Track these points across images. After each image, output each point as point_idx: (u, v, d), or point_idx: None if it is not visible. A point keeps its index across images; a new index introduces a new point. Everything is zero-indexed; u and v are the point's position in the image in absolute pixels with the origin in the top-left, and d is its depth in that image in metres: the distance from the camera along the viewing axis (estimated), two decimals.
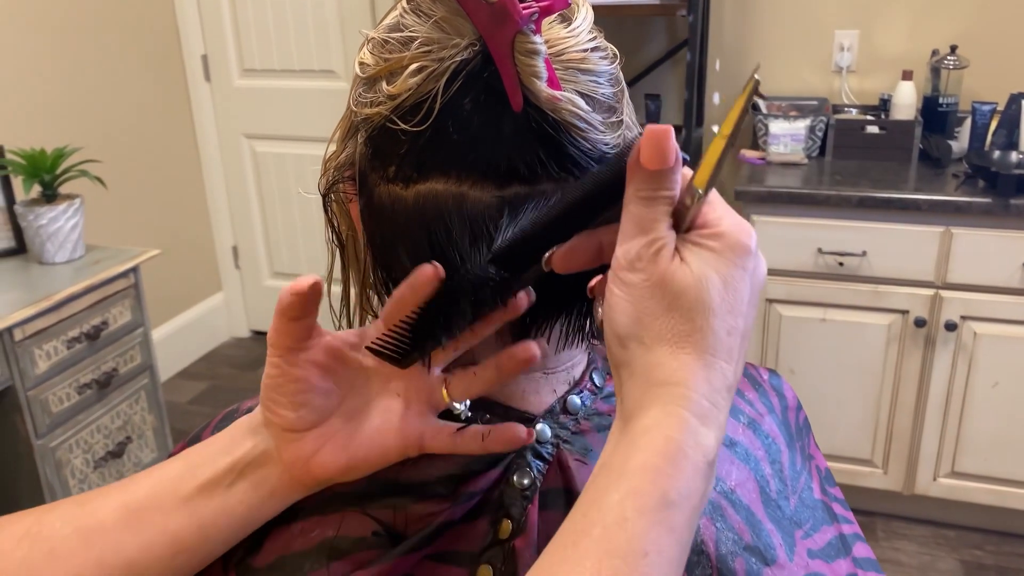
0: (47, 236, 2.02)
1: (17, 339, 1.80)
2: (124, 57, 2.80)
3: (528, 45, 0.43)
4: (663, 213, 0.41)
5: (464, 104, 0.45)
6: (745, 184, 2.12)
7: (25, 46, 2.43)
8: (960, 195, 1.95)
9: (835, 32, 2.46)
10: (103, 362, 2.04)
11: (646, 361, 0.41)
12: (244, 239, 3.35)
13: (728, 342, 0.41)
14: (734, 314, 0.41)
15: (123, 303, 2.10)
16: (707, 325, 0.40)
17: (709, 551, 0.50)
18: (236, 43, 3.08)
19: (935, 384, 2.09)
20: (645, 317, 0.41)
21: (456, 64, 0.45)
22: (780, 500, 0.55)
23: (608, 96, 0.49)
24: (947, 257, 1.99)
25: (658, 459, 0.39)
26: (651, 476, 0.39)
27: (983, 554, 2.16)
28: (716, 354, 0.41)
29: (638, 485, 0.39)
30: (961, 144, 2.23)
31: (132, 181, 2.82)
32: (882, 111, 2.37)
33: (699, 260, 0.40)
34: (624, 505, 0.38)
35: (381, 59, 0.48)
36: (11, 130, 2.31)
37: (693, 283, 0.40)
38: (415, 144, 0.46)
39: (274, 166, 3.19)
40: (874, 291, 2.07)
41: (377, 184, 0.48)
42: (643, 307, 0.41)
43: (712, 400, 0.40)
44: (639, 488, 0.39)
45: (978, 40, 2.32)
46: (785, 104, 2.43)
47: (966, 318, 2.02)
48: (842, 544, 0.58)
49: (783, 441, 0.59)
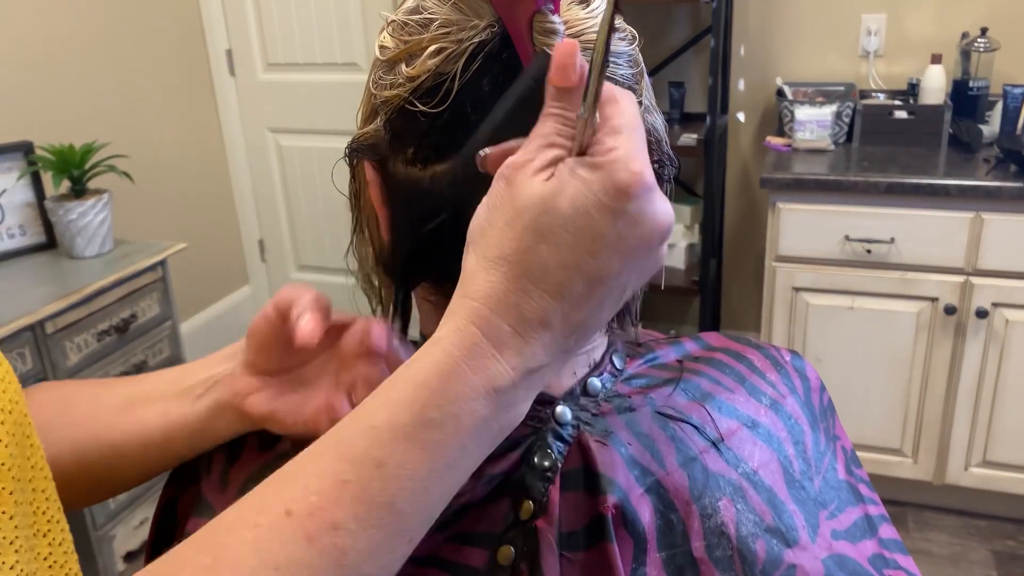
0: (77, 231, 2.05)
1: (49, 332, 1.83)
2: (150, 53, 2.83)
3: (547, 25, 0.43)
4: (554, 131, 0.39)
5: (483, 85, 0.45)
6: (771, 171, 2.10)
7: (53, 44, 2.46)
8: (991, 180, 1.92)
9: (862, 16, 2.43)
10: (132, 355, 2.07)
11: (467, 269, 0.40)
12: (270, 232, 3.38)
13: (559, 276, 0.38)
14: (576, 250, 0.37)
15: (151, 296, 2.12)
16: (532, 249, 0.37)
17: (730, 532, 0.49)
18: (260, 37, 3.10)
19: (966, 372, 2.06)
20: (488, 226, 0.39)
21: (475, 45, 0.45)
22: (804, 481, 0.55)
23: (627, 77, 0.49)
24: (977, 243, 1.96)
25: (429, 372, 0.38)
26: (414, 389, 0.37)
27: (1016, 544, 2.13)
28: (536, 282, 0.38)
29: (398, 396, 0.38)
30: (992, 128, 2.19)
31: (159, 175, 2.85)
32: (911, 96, 2.33)
33: (560, 184, 0.38)
34: (377, 414, 0.38)
35: (400, 41, 0.48)
36: (40, 127, 2.34)
37: (536, 203, 0.38)
38: (434, 125, 0.46)
39: (299, 160, 3.21)
40: (903, 278, 2.04)
41: (396, 165, 0.49)
42: (491, 216, 0.39)
43: (517, 328, 0.38)
44: (398, 399, 0.38)
45: (1009, 21, 2.28)
46: (811, 90, 2.40)
47: (998, 305, 1.99)
48: (868, 525, 0.57)
49: (806, 422, 0.59)
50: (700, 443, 0.52)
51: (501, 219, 0.39)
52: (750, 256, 2.81)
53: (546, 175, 0.38)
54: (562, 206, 0.37)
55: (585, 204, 0.37)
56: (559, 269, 0.38)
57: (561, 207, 0.37)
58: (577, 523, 0.49)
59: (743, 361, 0.60)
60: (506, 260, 0.38)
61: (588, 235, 0.37)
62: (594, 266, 0.38)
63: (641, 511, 0.49)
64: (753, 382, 0.58)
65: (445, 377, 0.37)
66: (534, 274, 0.38)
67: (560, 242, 0.37)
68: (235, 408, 0.53)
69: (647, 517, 0.49)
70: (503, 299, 0.38)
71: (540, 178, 0.38)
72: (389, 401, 0.38)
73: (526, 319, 0.38)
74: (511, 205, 0.38)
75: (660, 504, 0.50)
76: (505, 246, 0.38)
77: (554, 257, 0.37)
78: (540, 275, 0.38)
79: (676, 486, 0.50)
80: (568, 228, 0.37)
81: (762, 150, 2.56)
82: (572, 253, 0.37)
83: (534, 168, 0.38)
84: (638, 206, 0.37)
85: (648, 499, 0.49)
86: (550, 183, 0.38)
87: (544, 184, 0.38)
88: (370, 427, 0.37)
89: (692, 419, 0.53)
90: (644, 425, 0.52)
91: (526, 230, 0.38)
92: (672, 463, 0.51)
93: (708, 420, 0.54)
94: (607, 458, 0.50)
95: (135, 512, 2.10)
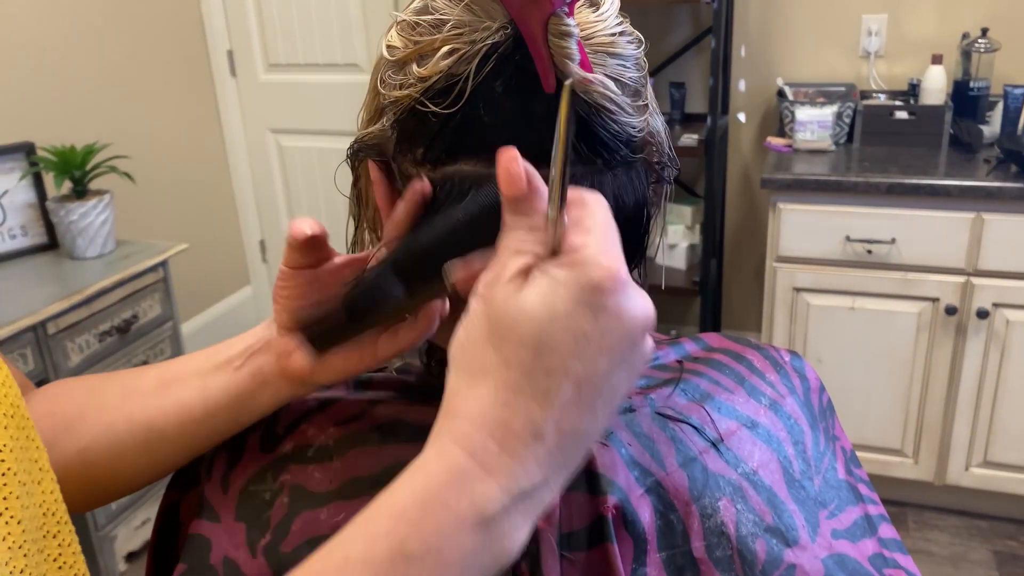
0: (78, 231, 2.05)
1: (50, 333, 1.83)
2: (151, 53, 2.83)
3: (562, 27, 0.43)
4: (517, 240, 0.38)
5: (495, 86, 0.45)
6: (772, 172, 2.10)
7: (54, 45, 2.47)
8: (992, 180, 1.92)
9: (863, 17, 2.43)
10: (134, 355, 2.08)
11: (449, 387, 0.38)
12: (271, 233, 3.38)
13: (545, 384, 0.35)
14: (561, 355, 0.35)
15: (153, 297, 2.12)
16: (515, 359, 0.35)
17: (729, 532, 0.50)
18: (261, 38, 3.11)
19: (967, 372, 2.06)
20: (467, 343, 0.37)
21: (487, 47, 0.45)
22: (804, 480, 0.55)
23: (634, 80, 0.49)
24: (978, 243, 1.96)
25: (409, 501, 0.35)
26: (394, 520, 0.35)
27: (1017, 545, 2.13)
28: (522, 394, 0.35)
29: (378, 527, 0.35)
30: (993, 128, 2.19)
31: (160, 176, 2.86)
32: (911, 96, 2.34)
33: (536, 289, 0.36)
34: (354, 546, 0.35)
35: (411, 41, 0.48)
36: (42, 128, 2.34)
37: (513, 313, 0.36)
38: (446, 127, 0.46)
39: (300, 160, 3.21)
40: (904, 279, 2.04)
41: (404, 165, 0.49)
42: (469, 333, 0.38)
43: (505, 444, 0.35)
44: (377, 530, 0.35)
45: (1010, 22, 2.28)
46: (812, 90, 2.40)
47: (998, 305, 1.99)
48: (868, 524, 0.57)
49: (806, 422, 0.59)
50: (700, 443, 0.53)
51: (480, 334, 0.37)
52: (751, 257, 2.81)
53: (518, 284, 0.37)
54: (540, 311, 0.35)
55: (564, 306, 0.35)
56: (544, 376, 0.35)
57: (539, 313, 0.35)
58: (578, 524, 0.49)
59: (742, 362, 0.60)
60: (488, 374, 0.36)
61: (571, 336, 0.35)
62: (580, 368, 0.36)
63: (641, 511, 0.49)
64: (752, 383, 0.59)
65: (425, 507, 0.35)
66: (519, 386, 0.35)
67: (543, 349, 0.35)
68: (279, 371, 0.53)
69: (647, 517, 0.49)
70: (488, 414, 0.36)
71: (513, 287, 0.37)
72: (367, 533, 0.35)
73: (515, 433, 0.35)
74: (488, 319, 0.37)
75: (660, 504, 0.50)
76: (486, 360, 0.36)
77: (538, 364, 0.35)
78: (525, 386, 0.35)
79: (676, 486, 0.50)
80: (550, 333, 0.35)
81: (763, 151, 2.56)
82: (557, 358, 0.35)
83: (506, 278, 0.37)
84: (615, 301, 0.36)
85: (648, 499, 0.50)
86: (525, 291, 0.36)
87: (519, 293, 0.36)
88: (345, 560, 0.35)
89: (692, 419, 0.54)
90: (644, 426, 0.52)
91: (505, 341, 0.36)
92: (672, 463, 0.51)
93: (708, 421, 0.54)
94: (607, 459, 0.50)
95: (136, 513, 2.10)
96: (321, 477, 0.53)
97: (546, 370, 0.35)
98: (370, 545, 0.35)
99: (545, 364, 0.35)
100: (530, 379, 0.35)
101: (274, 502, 0.53)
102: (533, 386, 0.35)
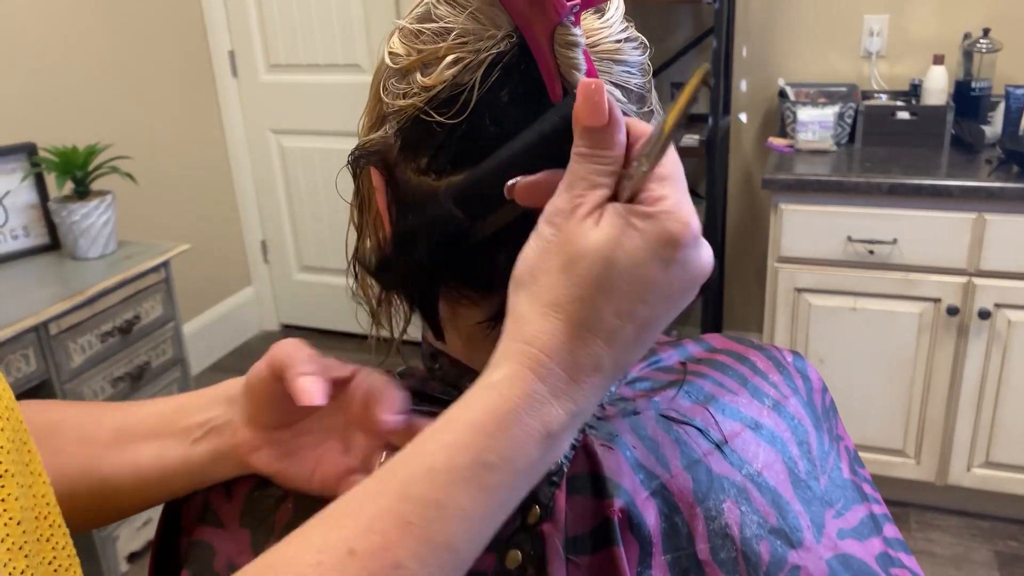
0: (80, 232, 2.05)
1: (52, 333, 1.84)
2: (152, 54, 2.84)
3: (569, 37, 0.43)
4: (593, 172, 0.40)
5: (501, 96, 0.45)
6: (773, 172, 2.10)
7: (56, 46, 2.47)
8: (993, 181, 1.92)
9: (864, 17, 2.43)
10: (136, 356, 2.08)
11: (520, 313, 0.40)
12: (273, 234, 3.38)
13: (613, 324, 0.39)
14: (631, 299, 0.39)
15: (155, 297, 2.13)
16: (590, 299, 0.38)
17: (734, 534, 0.50)
18: (262, 38, 3.11)
19: (968, 373, 2.06)
20: (539, 271, 0.40)
21: (493, 56, 0.45)
22: (810, 480, 0.55)
23: (640, 86, 0.49)
24: (980, 244, 1.96)
25: (486, 417, 0.38)
26: (472, 433, 0.38)
27: (1018, 545, 2.13)
28: (592, 331, 0.39)
29: (457, 439, 0.38)
30: (994, 129, 2.19)
31: (162, 177, 2.86)
32: (913, 96, 2.34)
33: (614, 233, 0.38)
34: (436, 455, 0.38)
35: (414, 50, 0.47)
36: (43, 128, 2.35)
37: (592, 252, 0.38)
38: (451, 136, 0.46)
39: (301, 160, 3.21)
40: (905, 279, 2.04)
41: (407, 174, 0.48)
42: (542, 260, 0.40)
43: (572, 374, 0.39)
44: (457, 441, 0.38)
45: (1011, 22, 2.28)
46: (813, 91, 2.40)
47: (1000, 306, 1.99)
48: (874, 523, 0.57)
49: (809, 422, 0.59)
50: (704, 445, 0.53)
51: (554, 265, 0.39)
52: (752, 257, 2.81)
53: (595, 219, 0.39)
54: (618, 258, 0.38)
55: (641, 255, 0.38)
56: (614, 317, 0.39)
57: (617, 259, 0.38)
58: (583, 527, 0.49)
59: (745, 363, 0.60)
60: (562, 308, 0.39)
61: (641, 284, 0.38)
62: (646, 313, 0.39)
63: (647, 514, 0.49)
64: (756, 383, 0.59)
65: (503, 423, 0.38)
66: (590, 323, 0.39)
67: (615, 292, 0.38)
68: (236, 460, 0.53)
69: (652, 520, 0.49)
70: (560, 347, 0.39)
71: (590, 223, 0.39)
72: (446, 444, 0.38)
73: (581, 366, 0.39)
74: (564, 251, 0.39)
75: (665, 507, 0.50)
76: (560, 293, 0.39)
77: (609, 306, 0.39)
78: (595, 324, 0.39)
79: (681, 489, 0.50)
80: (624, 279, 0.38)
81: (764, 151, 2.56)
82: (627, 302, 0.39)
83: (583, 213, 0.39)
84: (686, 254, 0.39)
85: (653, 502, 0.50)
86: (603, 232, 0.38)
87: (598, 233, 0.38)
88: (429, 469, 0.38)
89: (696, 422, 0.54)
90: (648, 428, 0.52)
91: (582, 279, 0.38)
92: (676, 466, 0.51)
93: (711, 422, 0.54)
94: (613, 462, 0.50)
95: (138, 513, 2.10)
96: None
97: (616, 312, 0.39)
98: (451, 455, 0.38)
99: (615, 307, 0.39)
100: (600, 320, 0.39)
101: (279, 507, 0.53)
102: (602, 327, 0.39)
